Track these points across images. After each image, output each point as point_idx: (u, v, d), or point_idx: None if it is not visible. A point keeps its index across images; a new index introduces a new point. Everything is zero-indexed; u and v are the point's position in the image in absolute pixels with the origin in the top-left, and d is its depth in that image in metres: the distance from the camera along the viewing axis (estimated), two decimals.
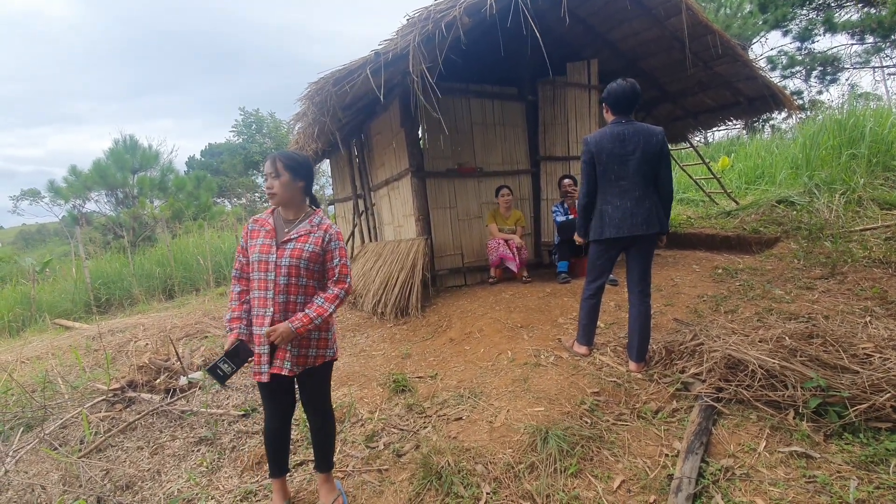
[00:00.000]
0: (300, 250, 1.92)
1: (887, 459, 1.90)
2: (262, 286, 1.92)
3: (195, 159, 28.72)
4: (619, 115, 2.91)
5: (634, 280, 2.99)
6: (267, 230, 1.97)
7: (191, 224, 12.86)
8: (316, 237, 1.96)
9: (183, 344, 4.88)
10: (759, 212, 6.82)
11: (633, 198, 2.85)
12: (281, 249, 1.93)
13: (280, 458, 2.12)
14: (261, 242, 1.94)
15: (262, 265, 1.92)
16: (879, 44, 13.10)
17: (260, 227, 1.99)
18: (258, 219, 2.03)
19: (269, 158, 1.97)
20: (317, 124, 4.89)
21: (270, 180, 1.95)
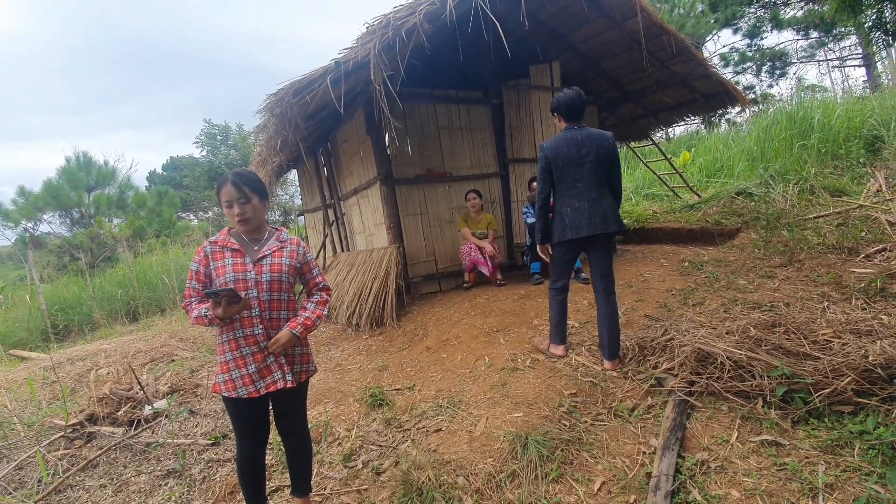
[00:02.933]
0: (279, 265, 1.93)
1: (851, 442, 1.97)
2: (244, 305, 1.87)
3: (157, 174, 27.74)
4: (570, 121, 3.05)
5: (598, 278, 3.06)
6: (233, 250, 1.90)
7: (154, 242, 12.39)
8: (290, 251, 1.99)
9: (148, 369, 4.67)
10: (720, 204, 7.06)
11: (590, 199, 2.96)
12: (258, 266, 1.89)
13: (258, 488, 2.04)
14: (231, 262, 1.87)
15: (241, 284, 1.85)
16: (823, 38, 13.83)
17: (222, 248, 1.90)
18: (216, 240, 1.93)
19: (229, 184, 1.87)
20: (279, 136, 4.78)
21: (239, 206, 1.89)
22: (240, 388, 1.85)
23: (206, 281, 1.90)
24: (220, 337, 1.91)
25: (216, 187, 1.93)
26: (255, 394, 1.86)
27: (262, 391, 1.87)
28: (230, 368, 1.87)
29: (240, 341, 1.88)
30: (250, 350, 1.88)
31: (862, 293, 3.38)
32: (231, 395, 1.85)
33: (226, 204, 1.90)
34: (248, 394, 1.85)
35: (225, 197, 1.89)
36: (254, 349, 1.88)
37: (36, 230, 14.18)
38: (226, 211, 1.92)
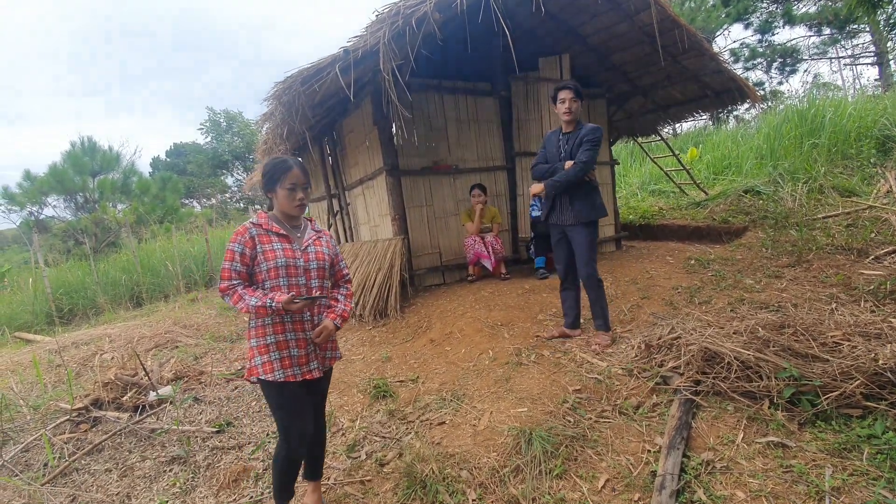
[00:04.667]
0: (322, 254, 1.96)
1: (859, 446, 1.96)
2: (293, 291, 1.85)
3: (160, 160, 27.68)
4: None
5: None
6: (280, 235, 1.88)
7: (157, 228, 12.40)
8: (326, 241, 2.03)
9: (152, 355, 4.69)
10: (728, 202, 7.01)
11: None
12: (305, 253, 1.90)
13: (293, 483, 2.06)
14: (280, 247, 1.85)
15: (291, 269, 1.86)
16: (836, 35, 13.62)
17: (267, 232, 1.86)
18: (260, 223, 1.87)
19: (297, 168, 1.86)
20: (285, 125, 4.74)
21: (303, 192, 1.90)
22: (277, 370, 1.83)
23: (251, 263, 1.84)
24: (258, 319, 1.86)
25: (273, 169, 1.87)
26: (293, 378, 1.85)
27: (298, 377, 1.87)
28: (270, 350, 1.84)
29: (286, 325, 1.86)
30: (295, 336, 1.87)
31: (871, 295, 3.35)
32: (268, 378, 1.82)
33: (289, 186, 1.86)
34: (284, 377, 1.84)
35: (291, 180, 1.85)
36: (300, 335, 1.88)
37: (41, 214, 14.22)
38: (285, 194, 1.87)
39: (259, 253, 1.83)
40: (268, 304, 1.75)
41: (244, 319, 5.80)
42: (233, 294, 1.79)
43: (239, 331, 5.37)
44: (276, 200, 1.92)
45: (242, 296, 1.78)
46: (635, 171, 10.87)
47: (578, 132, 3.20)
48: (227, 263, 1.82)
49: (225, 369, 4.00)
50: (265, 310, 1.76)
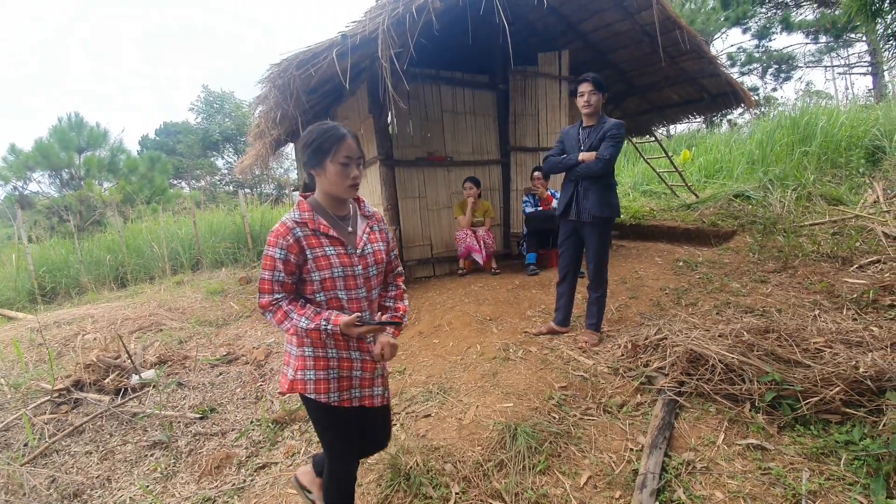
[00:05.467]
0: (380, 252, 1.63)
1: (837, 451, 2.00)
2: (355, 306, 1.56)
3: (149, 138, 27.17)
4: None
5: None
6: (330, 237, 1.52)
7: (144, 208, 12.19)
8: (379, 231, 1.68)
9: (136, 338, 4.63)
10: (718, 205, 7.07)
11: None
12: (363, 258, 1.57)
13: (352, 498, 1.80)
14: (334, 253, 1.51)
15: (350, 281, 1.54)
16: (832, 44, 13.75)
17: (314, 233, 1.51)
18: (302, 221, 1.51)
19: (351, 138, 1.50)
20: (279, 109, 4.66)
21: (357, 169, 1.53)
22: (332, 392, 1.55)
23: (297, 271, 1.50)
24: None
25: (321, 138, 1.49)
26: (348, 402, 1.59)
27: (355, 402, 1.60)
28: (328, 367, 1.54)
29: (351, 342, 1.57)
30: (360, 355, 1.59)
31: (854, 304, 3.41)
32: (320, 399, 1.54)
33: (343, 161, 1.49)
34: (340, 401, 1.57)
35: (346, 152, 1.49)
36: (365, 355, 1.60)
37: (25, 189, 13.90)
38: (337, 170, 1.49)
39: (310, 259, 1.49)
40: (322, 328, 1.46)
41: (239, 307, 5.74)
42: (276, 311, 1.49)
43: (225, 316, 5.32)
44: (322, 179, 1.53)
45: (289, 314, 1.48)
46: (628, 171, 10.92)
47: (602, 126, 3.12)
48: (268, 273, 1.48)
49: (210, 354, 3.96)
50: (319, 334, 1.48)
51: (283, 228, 1.48)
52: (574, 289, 3.49)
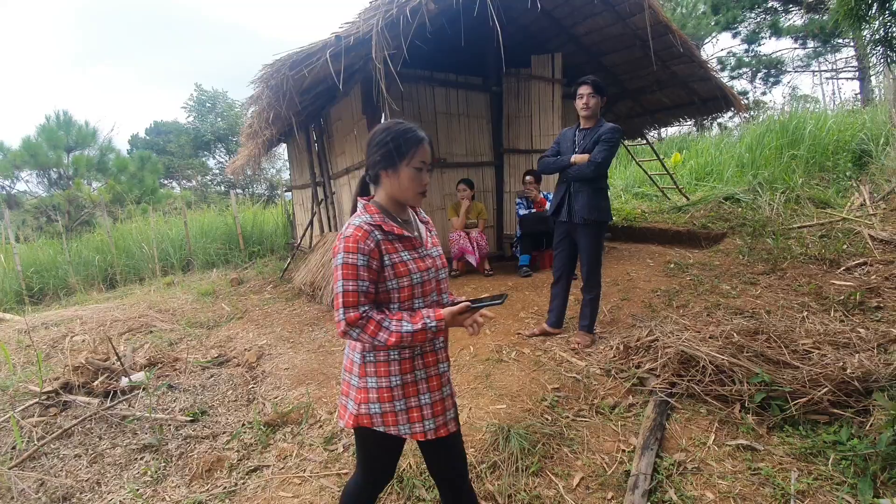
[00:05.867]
0: (442, 256, 1.53)
1: (825, 452, 2.03)
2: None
3: (139, 138, 26.86)
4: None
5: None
6: (403, 240, 1.40)
7: (134, 208, 12.06)
8: (435, 234, 1.60)
9: (125, 340, 4.58)
10: (708, 208, 7.14)
11: None
12: (433, 260, 1.47)
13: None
14: (409, 258, 1.39)
15: (427, 286, 1.42)
16: (819, 49, 13.96)
17: (387, 236, 1.37)
18: (377, 222, 1.37)
19: (428, 144, 1.41)
20: (272, 109, 4.64)
21: (428, 175, 1.44)
22: (402, 424, 1.38)
23: (377, 279, 1.35)
24: (381, 353, 1.38)
25: (399, 139, 1.37)
26: (421, 436, 1.40)
27: (430, 434, 1.41)
28: (395, 397, 1.38)
29: (417, 360, 1.40)
30: (426, 374, 1.41)
31: (841, 305, 3.46)
32: (389, 432, 1.39)
33: (418, 166, 1.39)
34: (411, 433, 1.39)
35: (422, 157, 1.39)
36: (431, 372, 1.43)
37: (13, 188, 13.69)
38: (411, 175, 1.39)
39: (387, 266, 1.35)
40: (429, 326, 1.32)
41: (226, 314, 5.70)
42: (366, 324, 1.30)
43: (217, 317, 5.28)
44: (393, 182, 1.41)
45: (382, 324, 1.30)
46: (620, 174, 11.00)
47: (598, 129, 3.14)
48: (351, 284, 1.30)
49: (201, 356, 3.93)
50: (425, 335, 1.32)
51: (360, 232, 1.32)
52: (568, 291, 3.51)
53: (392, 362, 1.38)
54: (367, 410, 1.38)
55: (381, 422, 1.38)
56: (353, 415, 1.40)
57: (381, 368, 1.38)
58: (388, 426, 1.38)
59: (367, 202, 1.44)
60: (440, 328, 1.33)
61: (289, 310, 5.28)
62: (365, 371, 1.39)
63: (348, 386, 1.45)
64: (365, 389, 1.39)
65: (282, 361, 3.72)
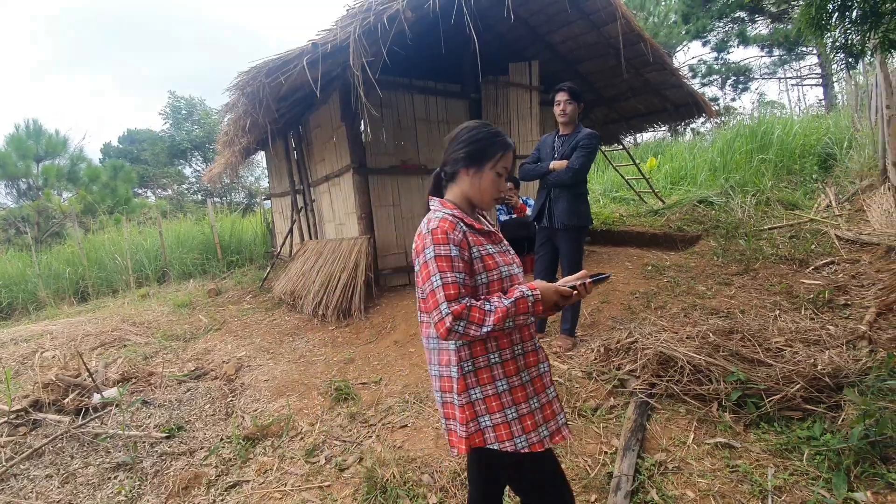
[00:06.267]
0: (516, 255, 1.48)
1: (799, 447, 2.08)
2: None
3: (112, 146, 26.16)
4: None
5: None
6: (485, 234, 1.35)
7: (106, 218, 11.73)
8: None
9: (97, 355, 4.43)
10: (683, 211, 7.31)
11: None
12: (512, 256, 1.40)
13: None
14: (495, 251, 1.33)
15: (515, 280, 1.34)
16: (785, 56, 14.49)
17: (470, 228, 1.32)
18: (461, 216, 1.31)
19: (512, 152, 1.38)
20: (248, 116, 4.59)
21: (503, 182, 1.41)
22: (518, 436, 1.24)
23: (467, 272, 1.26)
24: (479, 358, 1.27)
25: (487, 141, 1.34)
26: (539, 446, 1.26)
27: (546, 443, 1.28)
28: (505, 404, 1.25)
29: (519, 360, 1.29)
30: (529, 375, 1.30)
31: (811, 303, 3.58)
32: (506, 448, 1.24)
33: (501, 171, 1.36)
34: (529, 445, 1.24)
35: (506, 163, 1.36)
36: (533, 373, 1.31)
37: None
38: (493, 179, 1.35)
39: (476, 258, 1.27)
40: (527, 295, 1.21)
41: (202, 319, 5.57)
42: (471, 313, 1.18)
43: (194, 329, 5.15)
44: (473, 182, 1.36)
45: (484, 307, 1.19)
46: (598, 178, 11.18)
47: (576, 135, 3.19)
48: (449, 276, 1.20)
49: (177, 370, 3.83)
50: (526, 304, 1.21)
51: (447, 223, 1.25)
52: None
53: (494, 366, 1.27)
54: (475, 427, 1.24)
55: (493, 437, 1.24)
56: (463, 438, 1.23)
57: (483, 375, 1.26)
58: (501, 441, 1.23)
59: (443, 199, 1.38)
60: (538, 299, 1.22)
61: (268, 320, 5.19)
62: (465, 383, 1.26)
63: (451, 407, 1.29)
64: (470, 404, 1.25)
65: (261, 373, 3.65)
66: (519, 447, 1.24)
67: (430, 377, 1.38)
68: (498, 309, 1.18)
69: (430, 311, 1.21)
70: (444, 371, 1.31)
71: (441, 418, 1.34)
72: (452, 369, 1.28)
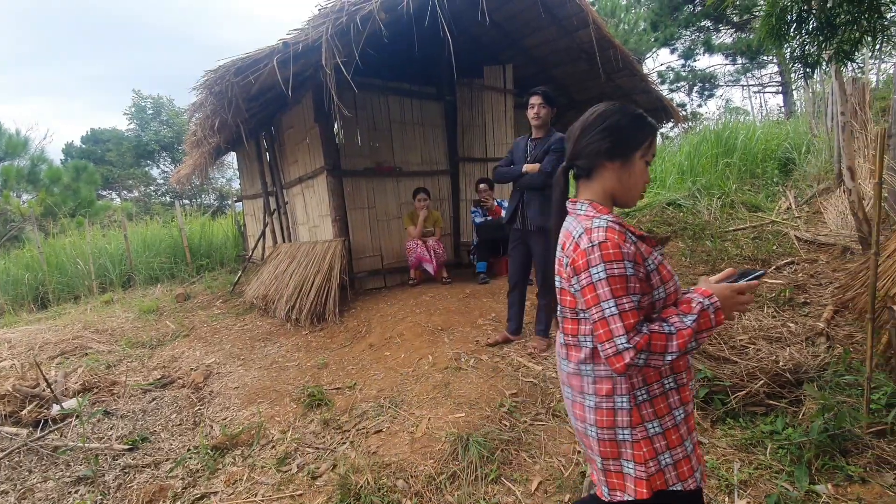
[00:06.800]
0: None
1: (763, 441, 2.15)
2: None
3: (75, 146, 25.12)
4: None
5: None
6: (647, 239, 1.15)
7: (68, 221, 11.24)
8: None
9: (58, 363, 4.23)
10: (653, 213, 7.50)
11: None
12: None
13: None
14: (661, 259, 1.13)
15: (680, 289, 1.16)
16: (747, 65, 15.07)
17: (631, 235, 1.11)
18: (622, 222, 1.12)
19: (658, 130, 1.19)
20: (217, 116, 4.48)
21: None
22: (696, 469, 1.11)
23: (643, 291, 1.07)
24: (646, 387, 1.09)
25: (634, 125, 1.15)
26: (693, 485, 1.10)
27: (699, 482, 1.12)
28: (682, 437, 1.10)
29: (670, 397, 1.10)
30: (684, 411, 1.12)
31: (773, 302, 3.71)
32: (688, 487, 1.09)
33: (649, 160, 1.18)
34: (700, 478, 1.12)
35: (654, 150, 1.18)
36: (689, 408, 1.13)
37: None
38: (643, 169, 1.17)
39: (652, 271, 1.08)
40: (706, 306, 1.03)
41: (174, 324, 5.39)
42: (652, 343, 0.99)
43: (160, 336, 4.98)
44: (621, 176, 1.16)
45: (664, 332, 1.01)
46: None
47: (548, 139, 3.23)
48: (626, 301, 1.01)
49: (142, 379, 3.69)
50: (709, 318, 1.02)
51: (614, 234, 1.04)
52: (524, 297, 3.57)
53: (670, 392, 1.09)
54: (656, 467, 1.06)
55: (675, 476, 1.06)
56: (643, 480, 1.05)
57: (660, 404, 1.08)
58: (684, 479, 1.07)
59: (590, 202, 1.16)
60: (717, 307, 1.03)
61: (239, 325, 5.07)
62: (641, 415, 1.07)
63: (615, 445, 1.10)
64: (647, 440, 1.06)
65: (231, 380, 3.55)
66: (698, 482, 1.09)
67: (571, 406, 1.20)
68: (680, 331, 1.00)
69: (600, 342, 1.03)
70: (603, 403, 1.11)
71: (595, 458, 1.14)
72: (621, 400, 1.09)
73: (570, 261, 1.10)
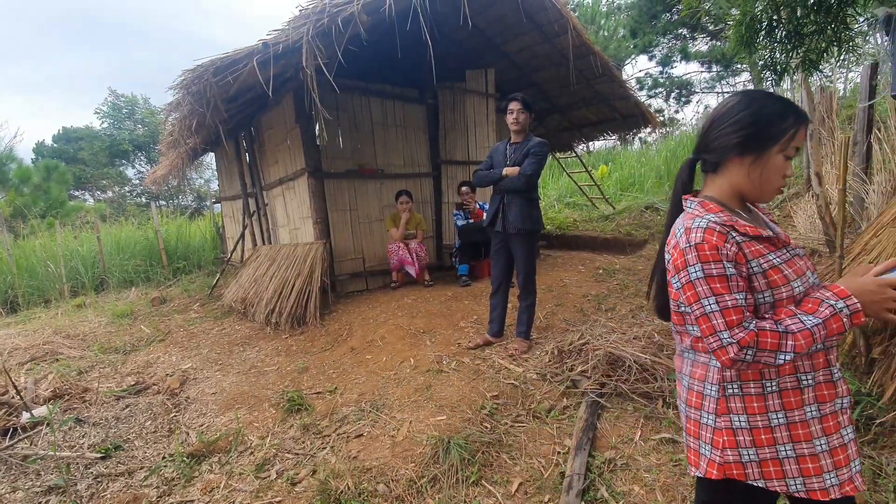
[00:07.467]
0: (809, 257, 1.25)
1: None
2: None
3: (46, 145, 24.31)
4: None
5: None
6: (763, 240, 1.08)
7: (38, 223, 10.88)
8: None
9: (28, 370, 4.09)
10: (632, 216, 7.65)
11: None
12: (804, 261, 1.11)
13: None
14: (782, 261, 1.06)
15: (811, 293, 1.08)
16: (722, 72, 15.51)
17: (744, 236, 1.06)
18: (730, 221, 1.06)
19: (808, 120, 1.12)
20: (195, 116, 4.39)
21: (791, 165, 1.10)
22: (793, 476, 1.05)
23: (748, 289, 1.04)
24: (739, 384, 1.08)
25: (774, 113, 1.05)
26: (824, 494, 1.04)
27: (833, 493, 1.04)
28: (777, 440, 1.05)
29: (805, 393, 1.05)
30: (819, 411, 1.05)
31: None
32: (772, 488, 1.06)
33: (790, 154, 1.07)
34: (807, 490, 1.04)
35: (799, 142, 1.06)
36: (826, 409, 1.06)
37: None
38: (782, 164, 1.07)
39: (758, 273, 1.04)
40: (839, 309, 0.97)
41: (156, 327, 5.27)
42: (760, 339, 0.97)
43: (135, 341, 4.86)
44: (751, 172, 1.09)
45: (779, 329, 0.98)
46: (553, 184, 11.50)
47: (527, 143, 3.28)
48: (728, 298, 1.01)
49: (115, 385, 3.60)
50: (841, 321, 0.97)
51: (713, 235, 1.02)
52: (507, 299, 3.60)
53: (770, 395, 1.05)
54: (735, 457, 1.07)
55: (758, 473, 1.06)
56: (715, 462, 1.08)
57: (752, 404, 1.06)
58: (769, 479, 1.05)
59: (703, 199, 1.13)
60: (856, 310, 0.96)
61: (217, 329, 4.98)
62: (727, 407, 1.08)
63: (698, 426, 1.14)
64: (730, 430, 1.08)
65: (208, 386, 3.49)
66: (792, 490, 1.05)
67: (678, 381, 1.25)
68: (799, 333, 0.96)
69: (705, 336, 1.04)
70: (695, 385, 1.15)
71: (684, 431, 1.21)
72: (710, 387, 1.11)
73: (672, 258, 1.11)
